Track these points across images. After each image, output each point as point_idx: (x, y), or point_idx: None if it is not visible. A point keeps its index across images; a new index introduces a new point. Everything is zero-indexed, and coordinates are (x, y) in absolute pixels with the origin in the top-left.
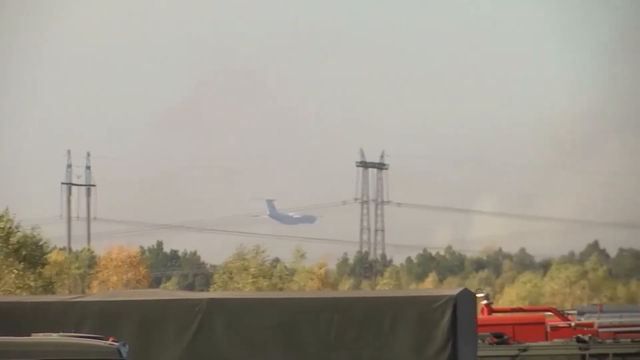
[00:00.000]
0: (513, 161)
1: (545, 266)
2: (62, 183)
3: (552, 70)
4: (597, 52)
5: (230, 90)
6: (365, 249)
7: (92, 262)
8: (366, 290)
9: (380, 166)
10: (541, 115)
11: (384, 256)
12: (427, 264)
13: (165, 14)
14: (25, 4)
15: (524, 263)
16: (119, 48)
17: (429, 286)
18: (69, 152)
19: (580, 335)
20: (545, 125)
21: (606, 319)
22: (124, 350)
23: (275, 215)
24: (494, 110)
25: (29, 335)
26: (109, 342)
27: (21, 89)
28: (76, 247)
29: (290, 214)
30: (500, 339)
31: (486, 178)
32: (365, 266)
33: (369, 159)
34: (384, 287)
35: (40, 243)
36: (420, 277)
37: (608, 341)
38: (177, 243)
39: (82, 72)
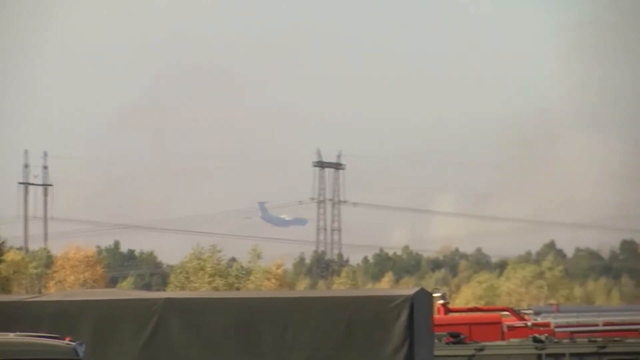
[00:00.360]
0: (471, 161)
1: (501, 266)
2: (19, 183)
3: (511, 69)
4: (555, 52)
5: (191, 90)
6: (322, 248)
7: (49, 261)
8: (323, 290)
9: (337, 166)
10: (499, 114)
11: (340, 256)
12: (383, 263)
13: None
14: None
15: (481, 263)
16: (80, 47)
17: (385, 286)
18: (26, 152)
19: (536, 335)
20: (503, 125)
21: (562, 319)
22: (81, 350)
23: (267, 218)
24: (452, 109)
25: None
26: (66, 341)
27: None
28: (33, 246)
29: (282, 216)
30: (456, 338)
31: (444, 178)
32: (322, 266)
33: (326, 159)
34: (340, 286)
35: None
36: (377, 277)
37: (564, 341)
38: (134, 243)
39: (41, 71)
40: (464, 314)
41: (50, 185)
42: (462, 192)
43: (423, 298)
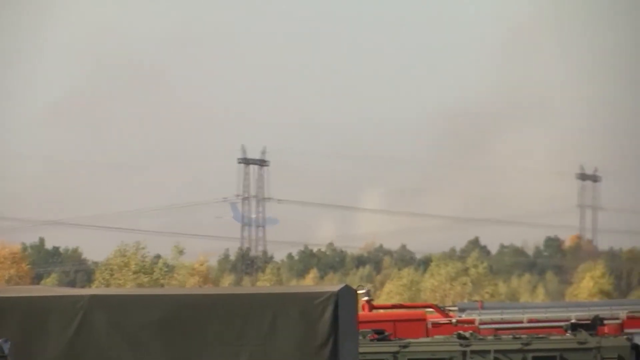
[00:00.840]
0: (396, 156)
1: (425, 262)
2: None
3: (439, 64)
4: (485, 47)
5: (118, 85)
6: (246, 245)
7: None
8: (247, 286)
9: (262, 162)
10: (426, 110)
11: (265, 252)
12: (308, 260)
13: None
14: None
15: (405, 259)
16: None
17: (310, 282)
18: None
19: (461, 332)
20: (432, 120)
21: (487, 316)
22: (6, 347)
23: (238, 217)
24: (379, 104)
25: None
26: None
27: None
28: None
29: (253, 216)
30: (381, 335)
31: (369, 174)
32: (247, 262)
33: (250, 156)
34: (265, 283)
35: None
36: (302, 273)
37: (489, 338)
38: (59, 239)
39: None
40: (388, 311)
41: None
42: (389, 188)
43: (348, 295)
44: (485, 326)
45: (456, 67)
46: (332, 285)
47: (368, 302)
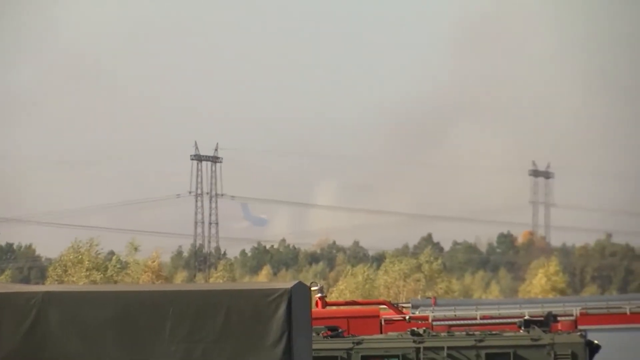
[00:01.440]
0: (351, 153)
1: (379, 259)
2: None
3: (394, 61)
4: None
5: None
6: (199, 242)
7: None
8: (201, 283)
9: (215, 159)
10: (381, 107)
11: (218, 249)
12: (261, 257)
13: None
14: None
15: (358, 256)
16: None
17: (263, 279)
18: None
19: (414, 329)
20: (384, 117)
21: (440, 312)
22: None
23: (249, 217)
24: (334, 101)
25: None
26: None
27: None
28: None
29: (262, 216)
30: (334, 332)
31: (323, 171)
32: (200, 259)
33: (203, 152)
34: (218, 280)
35: None
36: (255, 270)
37: (443, 334)
38: (12, 236)
39: None
40: (342, 308)
41: None
42: (343, 185)
43: (301, 291)
44: (438, 323)
45: (410, 64)
46: (286, 282)
47: (321, 298)
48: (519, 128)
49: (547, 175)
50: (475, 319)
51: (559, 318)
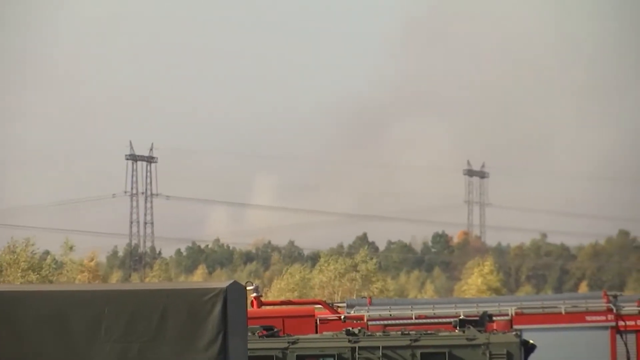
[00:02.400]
0: (291, 152)
1: (314, 259)
2: None
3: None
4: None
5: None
6: (135, 241)
7: None
8: (136, 282)
9: (150, 159)
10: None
11: (153, 249)
12: (196, 256)
13: None
14: None
15: (293, 255)
16: None
17: (198, 279)
18: None
19: (350, 328)
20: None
21: (376, 312)
22: None
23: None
24: (275, 99)
25: None
26: None
27: None
28: None
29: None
30: (270, 331)
31: (259, 170)
32: (135, 259)
33: (138, 152)
34: (153, 279)
35: None
36: (190, 269)
37: (378, 334)
38: None
39: None
40: (277, 307)
41: None
42: (281, 185)
43: (236, 291)
44: (374, 322)
45: (350, 62)
46: (221, 281)
47: (257, 298)
48: (458, 127)
49: (481, 174)
50: (411, 318)
51: (494, 318)
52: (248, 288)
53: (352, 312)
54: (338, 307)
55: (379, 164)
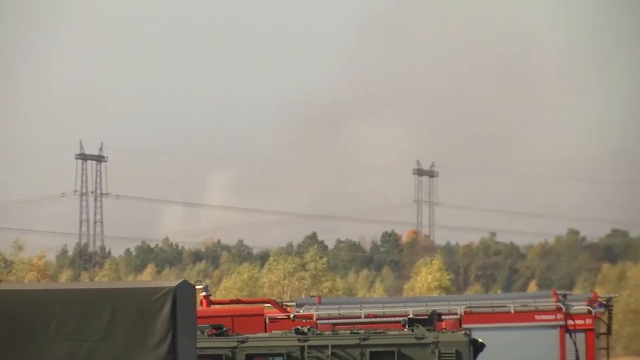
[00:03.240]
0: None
1: (263, 258)
2: None
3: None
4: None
5: None
6: (84, 240)
7: None
8: (86, 282)
9: (99, 158)
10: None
11: (103, 248)
12: (145, 255)
13: None
14: None
15: (242, 255)
16: None
17: (147, 278)
18: None
19: (299, 327)
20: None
21: (325, 311)
22: None
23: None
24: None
25: None
26: None
27: None
28: None
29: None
30: (219, 330)
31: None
32: (85, 258)
33: (88, 151)
34: (103, 278)
35: None
36: (139, 268)
37: (327, 333)
38: None
39: None
40: (226, 306)
41: None
42: (231, 184)
43: (186, 290)
44: (323, 321)
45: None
46: (170, 280)
47: (206, 297)
48: (412, 126)
49: (431, 174)
50: (360, 317)
51: (443, 317)
52: (197, 287)
53: (301, 311)
54: (287, 306)
55: (332, 163)
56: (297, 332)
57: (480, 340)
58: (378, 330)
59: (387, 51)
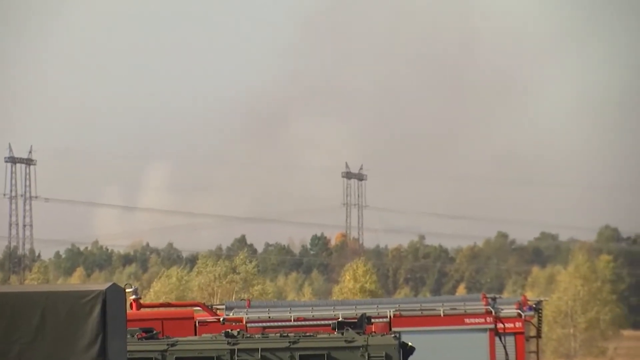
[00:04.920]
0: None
1: (192, 261)
2: None
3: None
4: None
5: None
6: (14, 244)
7: None
8: (15, 285)
9: (29, 162)
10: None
11: (32, 251)
12: (75, 258)
13: None
14: None
15: (171, 258)
16: None
17: (77, 281)
18: None
19: (229, 330)
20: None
21: (255, 314)
22: None
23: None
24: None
25: None
26: None
27: None
28: None
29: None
30: (149, 334)
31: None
32: (14, 261)
33: (17, 154)
34: (32, 282)
35: None
36: (69, 271)
37: (257, 336)
38: None
39: None
40: (156, 309)
41: None
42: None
43: (115, 293)
44: (253, 325)
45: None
46: (100, 283)
47: (136, 300)
48: (344, 127)
49: (360, 177)
50: (290, 320)
51: (372, 320)
52: (127, 290)
53: (231, 314)
54: (217, 309)
55: (266, 164)
56: (227, 335)
57: (410, 343)
58: (308, 334)
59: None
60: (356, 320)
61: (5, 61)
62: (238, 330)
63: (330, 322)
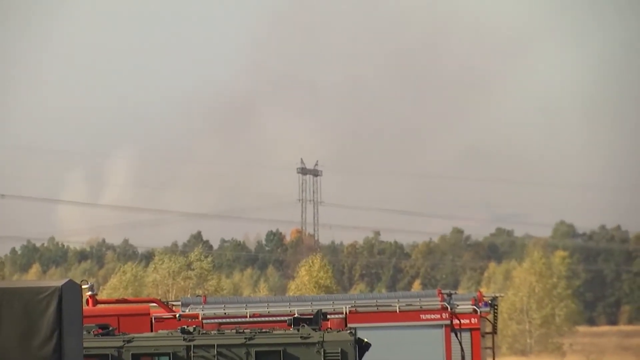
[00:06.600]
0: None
1: (148, 257)
2: None
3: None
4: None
5: None
6: None
7: None
8: None
9: None
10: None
11: None
12: (31, 255)
13: None
14: None
15: (127, 254)
16: None
17: (33, 277)
18: None
19: (185, 327)
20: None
21: (211, 310)
22: None
23: None
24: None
25: None
26: None
27: None
28: None
29: None
30: (105, 330)
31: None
32: None
33: None
34: None
35: None
36: (25, 268)
37: (213, 332)
38: None
39: None
40: (112, 306)
41: None
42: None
43: (72, 289)
44: (209, 321)
45: (215, 55)
46: (56, 280)
47: (92, 296)
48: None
49: (315, 173)
50: (246, 317)
51: (328, 316)
52: (83, 287)
53: (187, 310)
54: (173, 305)
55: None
56: (183, 331)
57: (365, 339)
58: (264, 330)
59: (296, 45)
60: (312, 317)
61: None
62: (194, 326)
63: (286, 318)
